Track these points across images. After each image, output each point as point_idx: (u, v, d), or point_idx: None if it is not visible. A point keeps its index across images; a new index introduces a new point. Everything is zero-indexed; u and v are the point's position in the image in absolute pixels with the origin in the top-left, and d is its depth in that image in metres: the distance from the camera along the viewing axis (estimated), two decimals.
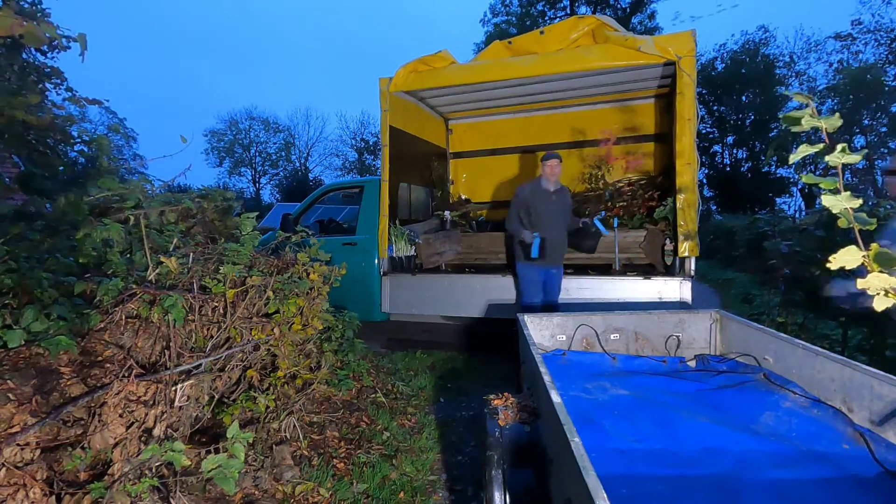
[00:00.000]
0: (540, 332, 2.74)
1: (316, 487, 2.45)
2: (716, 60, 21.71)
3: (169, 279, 2.61)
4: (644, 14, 21.57)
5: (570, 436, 1.24)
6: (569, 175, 5.92)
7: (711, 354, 2.62)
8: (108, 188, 2.83)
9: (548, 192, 4.07)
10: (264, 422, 2.67)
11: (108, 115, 23.31)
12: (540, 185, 4.10)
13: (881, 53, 18.31)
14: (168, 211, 2.98)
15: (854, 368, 1.76)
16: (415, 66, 4.72)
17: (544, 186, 4.07)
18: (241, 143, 30.92)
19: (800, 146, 1.01)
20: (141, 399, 2.14)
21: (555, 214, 4.06)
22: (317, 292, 3.00)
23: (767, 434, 1.76)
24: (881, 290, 0.95)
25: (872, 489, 1.41)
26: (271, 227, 5.68)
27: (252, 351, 2.64)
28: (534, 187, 4.11)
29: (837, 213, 0.99)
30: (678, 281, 3.98)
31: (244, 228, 3.07)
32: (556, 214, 4.07)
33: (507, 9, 22.93)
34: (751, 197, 20.40)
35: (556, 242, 4.06)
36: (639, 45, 3.88)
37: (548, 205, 4.06)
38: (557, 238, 4.07)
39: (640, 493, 1.42)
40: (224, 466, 1.83)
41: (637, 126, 5.72)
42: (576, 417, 1.40)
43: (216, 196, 3.44)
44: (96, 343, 2.35)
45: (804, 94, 1.00)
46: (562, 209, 4.13)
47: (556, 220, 4.08)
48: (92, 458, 1.96)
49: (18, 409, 1.89)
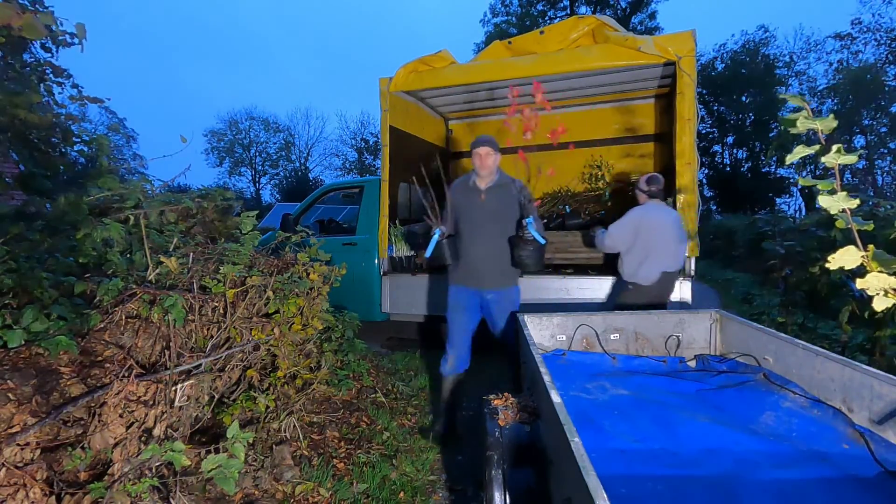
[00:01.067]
0: (540, 332, 2.74)
1: (316, 487, 2.45)
2: (716, 60, 21.75)
3: (169, 279, 2.61)
4: (644, 14, 21.59)
5: (570, 436, 1.24)
6: (569, 175, 5.92)
7: (711, 354, 2.62)
8: (108, 188, 2.83)
9: (476, 190, 3.05)
10: (264, 422, 2.67)
11: (108, 115, 23.35)
12: (468, 182, 3.11)
13: (881, 53, 18.35)
14: (168, 211, 2.99)
15: (854, 368, 1.76)
16: (415, 66, 4.72)
17: (472, 183, 3.07)
18: (241, 143, 30.95)
19: (797, 147, 1.02)
20: (141, 399, 2.14)
21: (485, 220, 3.02)
22: (317, 292, 3.00)
23: (767, 434, 1.76)
24: (881, 290, 0.95)
25: (872, 489, 1.41)
26: (271, 227, 5.68)
27: (252, 351, 2.64)
28: (461, 184, 3.15)
29: (835, 214, 0.99)
30: (678, 281, 3.98)
31: (244, 228, 3.08)
32: (486, 220, 3.02)
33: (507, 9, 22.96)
34: (751, 197, 20.42)
35: (487, 256, 3.02)
36: (639, 45, 3.88)
37: (474, 207, 3.04)
38: (489, 251, 3.02)
39: (640, 493, 1.42)
40: (224, 466, 1.83)
41: (637, 126, 5.72)
42: (576, 417, 1.41)
43: (216, 196, 3.44)
44: (96, 343, 2.35)
45: (798, 96, 1.00)
46: (498, 214, 3.02)
47: (488, 227, 3.02)
48: (92, 458, 1.96)
49: (18, 409, 1.89)
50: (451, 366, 3.15)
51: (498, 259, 3.02)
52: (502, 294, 3.08)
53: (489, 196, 3.02)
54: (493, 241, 3.02)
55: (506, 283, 3.10)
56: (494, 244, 3.02)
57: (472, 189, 3.06)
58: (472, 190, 3.06)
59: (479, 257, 3.03)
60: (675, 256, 3.38)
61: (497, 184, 3.04)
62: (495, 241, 3.02)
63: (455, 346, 3.15)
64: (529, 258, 2.88)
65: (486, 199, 3.01)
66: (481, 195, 3.02)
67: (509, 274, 3.10)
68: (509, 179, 3.08)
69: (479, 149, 2.98)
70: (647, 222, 3.32)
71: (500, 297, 3.07)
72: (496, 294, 3.07)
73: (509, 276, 3.11)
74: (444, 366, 3.18)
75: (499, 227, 3.03)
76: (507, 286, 3.10)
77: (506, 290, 3.10)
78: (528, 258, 2.88)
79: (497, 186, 3.04)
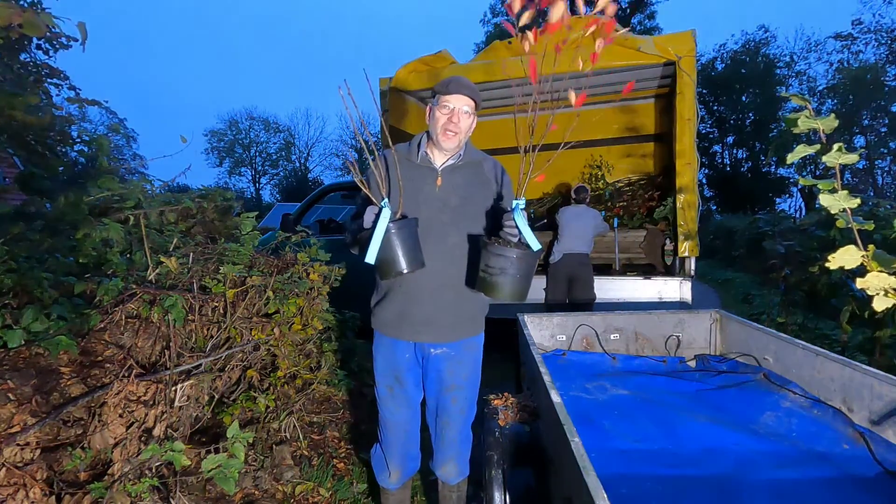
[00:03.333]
0: (540, 332, 2.74)
1: (316, 487, 2.45)
2: (716, 60, 21.75)
3: (169, 279, 2.61)
4: (644, 14, 21.60)
5: (570, 436, 1.24)
6: (569, 175, 5.92)
7: (711, 354, 2.62)
8: (108, 188, 2.84)
9: (428, 169, 1.75)
10: (264, 422, 2.67)
11: (109, 115, 23.34)
12: (413, 154, 1.77)
13: (881, 53, 18.35)
14: (168, 211, 2.99)
15: (854, 368, 1.76)
16: (415, 65, 4.72)
17: (422, 157, 1.75)
18: (241, 143, 30.96)
19: (798, 146, 1.02)
20: (141, 399, 2.14)
21: (440, 222, 1.72)
22: (317, 292, 3.00)
23: (767, 434, 1.76)
24: (881, 290, 0.95)
25: (872, 489, 1.41)
26: (271, 227, 5.68)
27: (252, 351, 2.64)
28: (401, 155, 1.73)
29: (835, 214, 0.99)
30: (678, 281, 3.98)
31: (244, 228, 3.08)
32: (442, 222, 1.72)
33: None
34: (751, 197, 20.43)
35: (440, 284, 1.72)
36: (639, 45, 3.88)
37: (423, 198, 1.71)
38: (444, 274, 1.72)
39: (640, 493, 1.42)
40: (224, 466, 1.83)
41: (637, 126, 5.73)
42: (576, 417, 1.41)
43: (216, 196, 3.45)
44: (96, 343, 2.35)
45: (801, 95, 1.00)
46: (462, 211, 1.73)
47: (444, 233, 1.72)
48: (92, 458, 1.96)
49: (18, 409, 1.89)
50: (396, 478, 1.90)
51: (457, 289, 1.73)
52: (459, 347, 1.78)
53: (449, 180, 1.72)
54: (451, 258, 1.72)
55: (466, 330, 1.79)
56: (453, 262, 1.72)
57: (421, 168, 1.73)
58: (421, 169, 1.73)
59: (425, 286, 1.70)
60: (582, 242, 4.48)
61: (463, 162, 1.75)
62: (454, 256, 1.72)
63: (395, 453, 1.88)
64: (506, 274, 1.48)
65: (443, 186, 1.71)
66: (437, 178, 1.72)
67: (473, 315, 1.81)
68: (480, 156, 1.81)
69: (451, 97, 1.66)
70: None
71: (453, 353, 1.77)
72: (450, 347, 1.77)
73: (473, 318, 1.82)
74: (384, 478, 1.93)
75: (460, 233, 1.72)
76: (467, 334, 1.79)
77: (464, 340, 1.79)
78: (505, 274, 1.48)
79: (463, 166, 1.75)
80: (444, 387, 1.80)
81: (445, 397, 1.81)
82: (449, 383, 1.79)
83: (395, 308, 1.76)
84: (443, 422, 1.84)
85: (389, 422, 1.87)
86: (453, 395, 1.80)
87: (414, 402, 1.86)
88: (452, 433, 1.84)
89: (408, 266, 1.52)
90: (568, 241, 4.47)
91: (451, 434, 1.84)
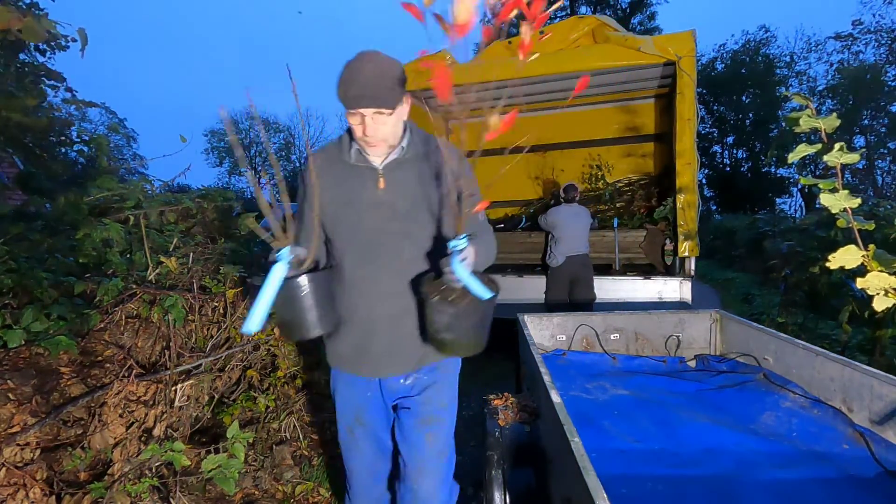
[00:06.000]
0: (540, 332, 2.74)
1: (316, 487, 2.45)
2: (716, 60, 21.75)
3: (169, 279, 2.61)
4: (644, 14, 21.60)
5: (570, 436, 1.24)
6: (569, 175, 5.92)
7: (711, 354, 2.62)
8: (107, 188, 2.84)
9: (366, 170, 1.41)
10: (264, 422, 2.67)
11: (108, 115, 23.36)
12: (345, 155, 1.43)
13: (881, 53, 18.34)
14: (168, 211, 2.99)
15: (854, 368, 1.76)
16: (414, 65, 4.72)
17: (355, 157, 1.42)
18: (241, 143, 30.95)
19: (799, 146, 1.02)
20: (141, 399, 2.15)
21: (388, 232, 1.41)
22: None
23: (767, 434, 1.76)
24: (881, 290, 0.95)
25: (872, 489, 1.41)
26: None
27: (252, 351, 2.64)
28: (330, 158, 1.46)
29: (836, 213, 0.99)
30: (678, 281, 3.98)
31: (244, 228, 3.08)
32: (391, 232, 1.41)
33: None
34: (751, 197, 20.43)
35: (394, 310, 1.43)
36: (639, 46, 3.88)
37: (364, 206, 1.41)
38: (398, 296, 1.42)
39: (640, 493, 1.42)
40: (224, 466, 1.83)
41: (637, 126, 5.72)
42: (576, 417, 1.40)
43: (216, 196, 3.45)
44: (96, 343, 2.35)
45: (803, 95, 1.00)
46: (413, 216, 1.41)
47: (395, 246, 1.41)
48: (92, 458, 1.96)
49: (18, 409, 1.89)
50: None
51: (414, 312, 1.42)
52: (433, 371, 1.51)
53: (393, 180, 1.41)
54: (409, 276, 1.42)
55: (436, 354, 1.43)
56: (406, 281, 1.42)
57: (358, 168, 1.42)
58: (358, 169, 1.42)
59: (382, 314, 1.43)
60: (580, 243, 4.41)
61: (407, 156, 1.42)
62: (412, 274, 1.42)
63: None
64: (456, 330, 1.23)
65: (387, 188, 1.40)
66: (378, 179, 1.40)
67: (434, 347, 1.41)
68: (430, 142, 1.48)
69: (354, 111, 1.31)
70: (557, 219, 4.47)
71: (426, 378, 1.50)
72: (421, 373, 1.50)
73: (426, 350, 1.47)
74: None
75: (415, 245, 1.43)
76: (439, 357, 1.48)
77: (439, 363, 1.52)
78: (453, 330, 1.23)
79: (409, 160, 1.42)
80: (419, 420, 1.47)
81: (418, 435, 1.46)
82: (424, 415, 1.47)
83: (351, 341, 1.46)
84: (416, 470, 1.45)
85: (354, 470, 1.59)
86: (429, 430, 1.46)
87: (382, 444, 1.57)
88: (429, 486, 1.43)
89: (317, 325, 1.29)
90: (569, 242, 4.36)
91: (428, 487, 1.43)
